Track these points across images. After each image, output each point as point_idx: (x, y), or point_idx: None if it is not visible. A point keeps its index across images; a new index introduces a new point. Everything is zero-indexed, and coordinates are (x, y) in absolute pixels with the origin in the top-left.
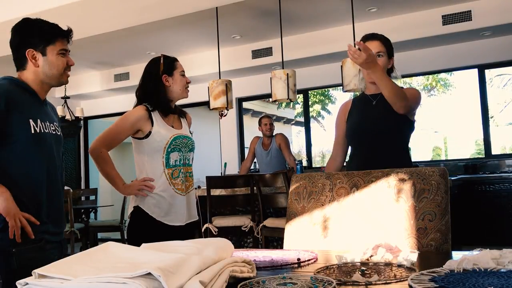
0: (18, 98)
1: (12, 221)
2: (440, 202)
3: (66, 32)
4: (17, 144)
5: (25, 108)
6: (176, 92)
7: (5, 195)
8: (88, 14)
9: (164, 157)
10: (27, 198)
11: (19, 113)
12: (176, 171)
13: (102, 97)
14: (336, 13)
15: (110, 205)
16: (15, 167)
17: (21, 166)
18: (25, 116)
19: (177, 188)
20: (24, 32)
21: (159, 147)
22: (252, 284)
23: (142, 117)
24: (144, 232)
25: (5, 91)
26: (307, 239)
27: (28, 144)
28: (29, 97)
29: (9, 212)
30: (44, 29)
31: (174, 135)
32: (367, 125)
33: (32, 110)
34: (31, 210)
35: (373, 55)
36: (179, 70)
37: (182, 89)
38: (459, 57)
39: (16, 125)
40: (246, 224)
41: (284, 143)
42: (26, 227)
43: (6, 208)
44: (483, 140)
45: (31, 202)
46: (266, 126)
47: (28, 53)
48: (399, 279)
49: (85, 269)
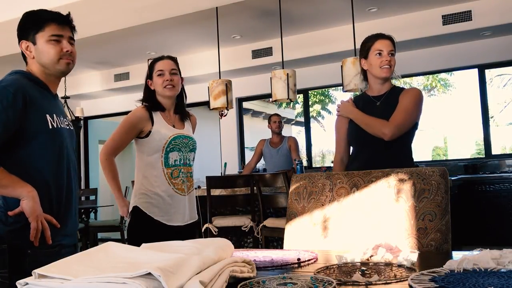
0: (32, 92)
1: (35, 223)
2: (440, 202)
3: (55, 15)
4: (36, 141)
5: (41, 103)
6: (158, 93)
7: (32, 195)
8: (88, 14)
9: (163, 157)
10: (48, 198)
11: (36, 108)
12: (176, 171)
13: (102, 97)
14: (336, 13)
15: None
16: (35, 165)
17: (41, 164)
18: (42, 111)
19: (177, 188)
20: (18, 25)
21: (158, 146)
22: (252, 284)
23: (143, 117)
24: (143, 232)
25: (20, 87)
26: (307, 239)
27: (46, 140)
28: (41, 91)
29: (33, 213)
30: (32, 15)
31: (174, 135)
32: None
33: (46, 105)
34: (53, 211)
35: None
36: (156, 70)
37: (160, 88)
38: (459, 57)
39: (34, 122)
40: (246, 224)
41: (294, 144)
42: (47, 231)
43: (31, 208)
44: (483, 140)
45: (51, 202)
46: (275, 124)
47: (22, 45)
48: (399, 279)
49: (85, 269)
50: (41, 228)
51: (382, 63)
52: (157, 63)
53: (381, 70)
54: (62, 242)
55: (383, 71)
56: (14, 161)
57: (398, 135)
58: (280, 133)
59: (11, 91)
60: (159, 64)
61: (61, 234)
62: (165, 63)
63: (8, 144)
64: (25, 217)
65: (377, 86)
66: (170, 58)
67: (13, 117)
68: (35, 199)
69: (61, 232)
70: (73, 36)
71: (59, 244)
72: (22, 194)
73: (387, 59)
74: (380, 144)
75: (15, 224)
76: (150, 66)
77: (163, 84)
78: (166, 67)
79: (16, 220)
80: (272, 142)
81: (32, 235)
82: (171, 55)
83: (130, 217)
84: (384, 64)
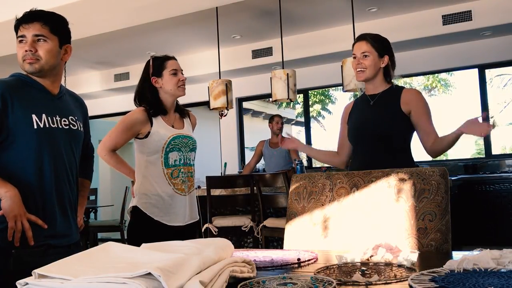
0: (21, 93)
1: (12, 223)
2: (440, 202)
3: (22, 16)
4: (20, 141)
5: (29, 103)
6: (168, 92)
7: (10, 194)
8: (88, 14)
9: (163, 157)
10: (33, 198)
11: (20, 108)
12: (176, 171)
13: (102, 97)
14: (336, 13)
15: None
16: (19, 165)
17: (25, 164)
18: (28, 111)
19: (177, 188)
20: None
21: (158, 147)
22: (252, 284)
23: (140, 119)
24: (143, 232)
25: (4, 88)
26: (307, 239)
27: (31, 140)
28: (38, 92)
29: (11, 213)
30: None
31: (173, 135)
32: (365, 126)
33: (38, 105)
34: (39, 211)
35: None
36: (169, 69)
37: (174, 87)
38: (459, 57)
39: (16, 122)
40: (246, 224)
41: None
42: (28, 231)
43: (8, 208)
44: (483, 140)
45: (36, 202)
46: (278, 125)
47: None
48: (399, 279)
49: (85, 269)
50: (21, 228)
51: (356, 67)
52: (169, 61)
53: (357, 75)
54: (49, 242)
55: (358, 76)
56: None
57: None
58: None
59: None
60: (171, 63)
61: (48, 234)
62: (176, 63)
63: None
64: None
65: (368, 86)
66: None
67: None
68: (14, 199)
69: (47, 233)
70: (48, 30)
71: (45, 244)
72: (0, 193)
73: (358, 63)
74: (378, 142)
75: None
76: (158, 64)
77: (178, 83)
78: (178, 67)
79: (1, 221)
80: (272, 143)
81: (9, 234)
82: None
83: (130, 217)
84: (357, 68)
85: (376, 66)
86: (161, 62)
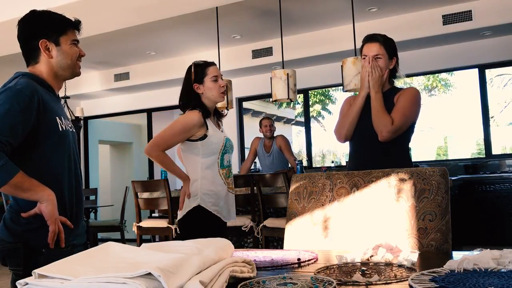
0: (44, 95)
1: (54, 226)
2: (440, 202)
3: (75, 23)
4: (48, 143)
5: (51, 106)
6: (209, 98)
7: (51, 198)
8: (88, 14)
9: (219, 158)
10: (62, 200)
11: (47, 111)
12: (228, 171)
13: (102, 97)
14: (336, 13)
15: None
16: (48, 167)
17: (54, 166)
18: (52, 113)
19: (229, 187)
20: (35, 23)
21: (216, 149)
22: (252, 284)
23: (199, 122)
24: (208, 229)
25: (35, 90)
26: (307, 239)
27: (56, 142)
28: (48, 93)
29: (52, 217)
30: (56, 19)
31: (225, 137)
32: (363, 125)
33: (55, 107)
34: (67, 212)
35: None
36: (209, 76)
37: (215, 94)
38: (460, 57)
39: (46, 124)
40: (246, 224)
41: (284, 144)
42: (62, 233)
43: (51, 212)
44: (484, 140)
45: (65, 204)
46: (266, 128)
47: (42, 44)
48: (400, 279)
49: (85, 269)
50: (57, 230)
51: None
52: (210, 68)
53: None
54: (74, 242)
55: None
56: (28, 164)
57: (394, 136)
58: (272, 137)
59: (27, 93)
60: (212, 69)
61: (74, 234)
62: (216, 69)
63: (22, 147)
64: (40, 219)
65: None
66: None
67: (29, 120)
68: (54, 203)
69: (74, 232)
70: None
71: (71, 243)
72: (43, 197)
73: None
74: (377, 141)
75: (30, 225)
76: (199, 71)
77: (220, 90)
78: (219, 73)
79: (29, 221)
80: (265, 145)
81: (50, 238)
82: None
83: (189, 215)
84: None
85: (386, 68)
86: (202, 68)
